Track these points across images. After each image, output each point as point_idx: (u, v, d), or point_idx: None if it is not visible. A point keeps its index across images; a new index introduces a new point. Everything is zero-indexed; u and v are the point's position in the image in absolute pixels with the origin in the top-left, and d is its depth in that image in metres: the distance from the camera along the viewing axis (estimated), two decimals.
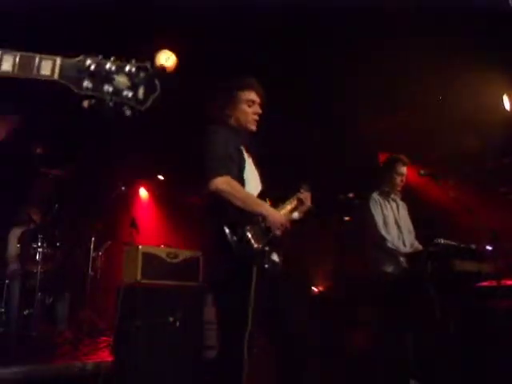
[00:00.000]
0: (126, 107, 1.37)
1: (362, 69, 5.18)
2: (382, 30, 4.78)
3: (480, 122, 5.11)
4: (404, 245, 3.97)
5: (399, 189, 4.12)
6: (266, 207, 2.50)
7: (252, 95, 2.68)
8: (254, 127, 2.71)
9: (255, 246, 2.37)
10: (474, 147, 5.29)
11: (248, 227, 2.39)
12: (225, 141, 2.56)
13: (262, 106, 2.72)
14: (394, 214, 4.09)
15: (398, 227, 4.05)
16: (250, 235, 2.37)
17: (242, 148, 2.66)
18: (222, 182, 2.42)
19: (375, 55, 5.02)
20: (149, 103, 1.38)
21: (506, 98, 5.32)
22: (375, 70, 5.20)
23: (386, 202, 4.10)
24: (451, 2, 4.15)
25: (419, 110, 5.44)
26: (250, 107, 2.68)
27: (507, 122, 5.21)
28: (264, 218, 2.44)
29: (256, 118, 2.70)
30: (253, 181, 2.63)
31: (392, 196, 4.13)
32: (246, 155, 2.68)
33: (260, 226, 2.45)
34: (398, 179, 4.07)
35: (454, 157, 5.39)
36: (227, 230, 2.34)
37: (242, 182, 2.53)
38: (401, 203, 4.19)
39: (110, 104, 1.36)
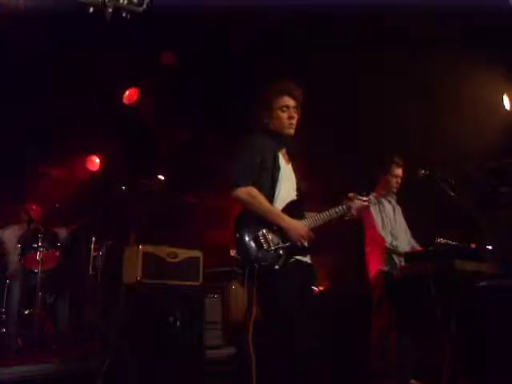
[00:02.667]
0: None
1: (361, 68, 5.19)
2: (382, 31, 4.79)
3: (480, 122, 5.11)
4: (402, 244, 3.98)
5: (395, 190, 4.14)
6: (284, 221, 2.54)
7: (284, 100, 2.69)
8: (291, 131, 2.72)
9: (265, 247, 2.47)
10: (474, 147, 5.29)
11: (264, 230, 2.50)
12: (258, 150, 2.63)
13: (298, 107, 2.72)
14: (391, 215, 4.10)
15: (396, 227, 4.06)
16: (262, 238, 2.49)
17: (280, 155, 2.70)
18: (243, 192, 2.55)
19: (374, 55, 5.03)
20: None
21: (506, 98, 5.32)
22: (374, 69, 5.20)
23: (384, 202, 4.11)
24: (451, 2, 4.16)
25: (419, 109, 5.44)
26: (284, 112, 2.69)
27: (507, 122, 5.21)
28: (284, 230, 2.52)
29: (291, 121, 2.70)
30: (286, 188, 2.67)
31: (388, 198, 4.15)
32: (283, 162, 2.71)
33: (279, 229, 2.53)
34: (394, 181, 4.09)
35: (454, 157, 5.38)
36: (241, 231, 2.50)
37: (273, 190, 2.60)
38: (397, 207, 4.20)
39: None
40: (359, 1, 4.32)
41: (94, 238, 5.64)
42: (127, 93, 6.46)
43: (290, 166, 2.78)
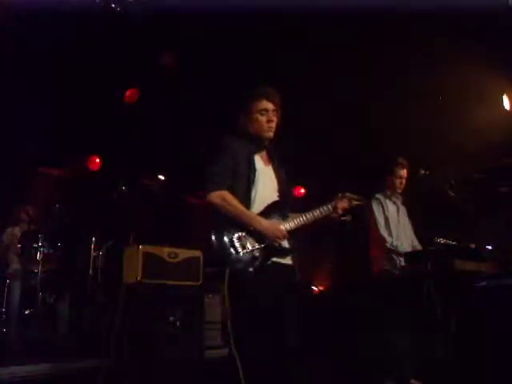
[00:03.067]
0: None
1: (361, 68, 5.19)
2: (382, 31, 4.79)
3: (480, 122, 5.11)
4: (403, 245, 3.98)
5: (399, 191, 4.15)
6: (260, 223, 2.54)
7: (263, 104, 2.71)
8: (269, 134, 2.74)
9: (240, 250, 2.49)
10: (474, 147, 5.30)
11: (240, 233, 2.52)
12: (233, 153, 2.65)
13: (277, 111, 2.74)
14: (395, 215, 4.11)
15: (399, 228, 4.07)
16: (237, 240, 2.50)
17: (256, 157, 2.72)
18: (216, 197, 2.56)
19: (374, 55, 5.03)
20: None
21: (505, 98, 5.32)
22: (374, 70, 5.20)
23: (388, 203, 4.12)
24: (451, 2, 4.16)
25: (419, 110, 5.44)
26: (262, 116, 2.71)
27: (507, 122, 5.21)
28: (258, 232, 2.53)
29: (270, 125, 2.72)
30: (265, 190, 2.67)
31: (393, 199, 4.16)
32: (260, 164, 2.73)
33: (255, 232, 2.54)
34: (398, 182, 4.11)
35: (454, 157, 5.39)
36: (217, 234, 2.51)
37: (249, 192, 2.61)
38: (401, 207, 4.21)
39: None
40: (360, 1, 4.33)
41: (94, 238, 5.64)
42: (127, 93, 6.46)
43: (270, 167, 2.79)
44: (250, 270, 2.46)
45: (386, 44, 4.95)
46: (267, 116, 2.70)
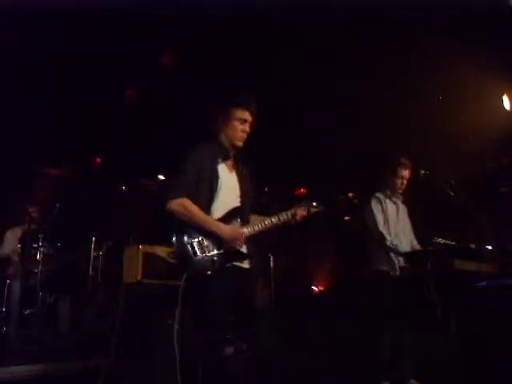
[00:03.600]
0: None
1: (361, 68, 5.20)
2: (382, 31, 4.79)
3: (480, 122, 5.11)
4: (402, 244, 3.98)
5: (400, 191, 4.15)
6: (219, 227, 2.64)
7: (244, 114, 2.81)
8: (240, 143, 2.84)
9: (198, 254, 2.58)
10: (474, 147, 5.30)
11: (200, 237, 2.61)
12: (199, 162, 2.74)
13: (252, 124, 2.84)
14: (394, 215, 4.10)
15: (398, 227, 4.06)
16: (197, 244, 2.60)
17: (221, 164, 2.79)
18: (176, 204, 2.66)
19: (375, 55, 5.04)
20: None
21: (505, 98, 5.32)
22: (374, 70, 5.21)
23: (388, 202, 4.12)
24: (451, 2, 4.16)
25: (419, 110, 5.44)
26: (240, 125, 2.80)
27: (507, 122, 5.21)
28: (218, 236, 2.62)
29: (244, 135, 2.82)
30: (227, 196, 2.75)
31: (393, 198, 4.15)
32: (225, 171, 2.80)
33: (215, 237, 2.64)
34: (399, 182, 4.10)
35: (454, 157, 5.39)
36: (177, 237, 2.61)
37: (211, 199, 2.70)
38: (401, 206, 4.21)
39: None
40: (359, 2, 4.33)
41: (94, 238, 5.64)
42: (127, 93, 6.47)
43: (233, 173, 2.86)
44: (209, 272, 2.55)
45: (385, 44, 4.95)
46: (244, 126, 2.80)
